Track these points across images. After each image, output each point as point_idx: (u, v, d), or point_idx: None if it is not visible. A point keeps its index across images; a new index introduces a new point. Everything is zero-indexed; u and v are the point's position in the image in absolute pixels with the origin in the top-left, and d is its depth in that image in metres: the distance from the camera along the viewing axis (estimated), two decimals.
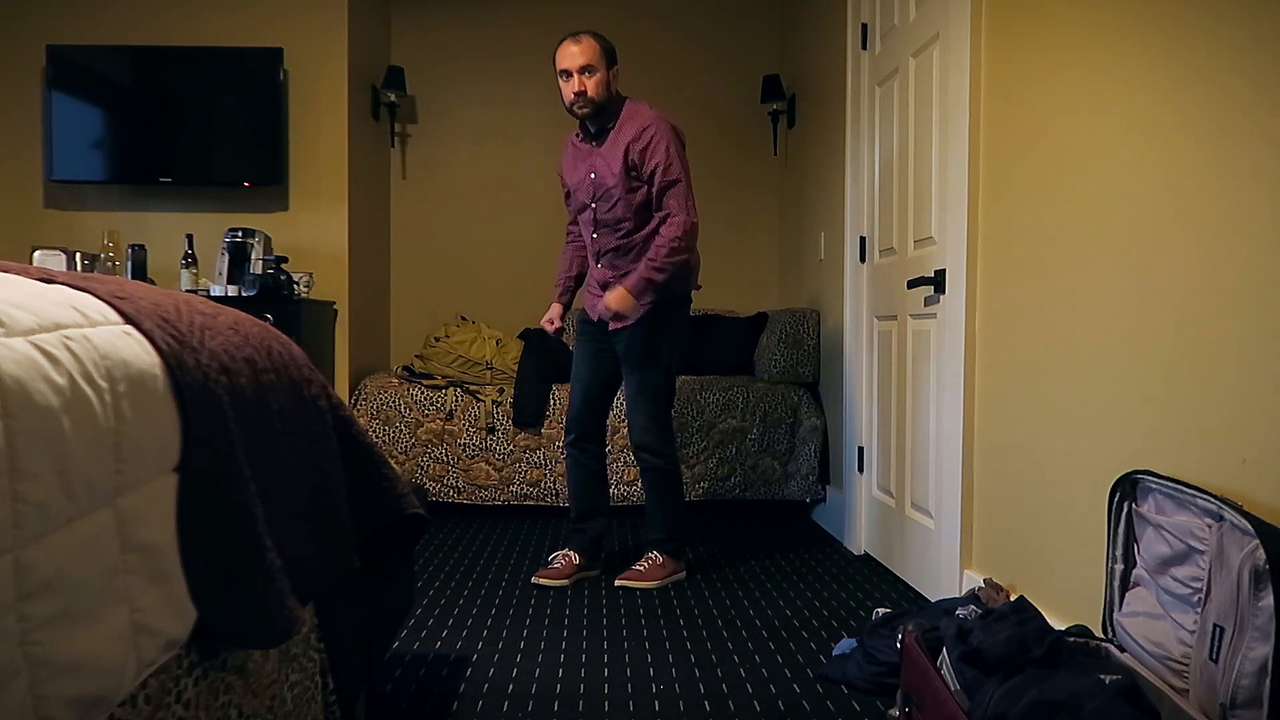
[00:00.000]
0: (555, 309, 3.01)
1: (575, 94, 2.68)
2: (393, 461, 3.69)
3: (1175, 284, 1.61)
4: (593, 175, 2.77)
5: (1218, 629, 1.29)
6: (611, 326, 2.75)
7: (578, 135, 2.86)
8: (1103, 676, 1.39)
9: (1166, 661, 1.41)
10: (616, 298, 2.68)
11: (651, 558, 2.86)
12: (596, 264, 2.88)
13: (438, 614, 2.53)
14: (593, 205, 2.80)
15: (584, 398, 2.90)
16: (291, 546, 1.16)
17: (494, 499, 3.71)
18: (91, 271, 3.50)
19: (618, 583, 2.80)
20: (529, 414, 3.68)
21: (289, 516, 1.18)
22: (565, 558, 2.88)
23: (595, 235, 2.83)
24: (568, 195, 2.96)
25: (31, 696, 0.73)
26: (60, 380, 0.80)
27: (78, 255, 3.50)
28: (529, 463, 3.71)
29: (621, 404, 3.58)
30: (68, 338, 0.85)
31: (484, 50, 4.68)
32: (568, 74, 2.68)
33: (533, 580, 2.82)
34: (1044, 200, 2.07)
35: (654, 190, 2.71)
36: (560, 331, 3.03)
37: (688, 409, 3.72)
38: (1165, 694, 1.38)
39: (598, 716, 1.86)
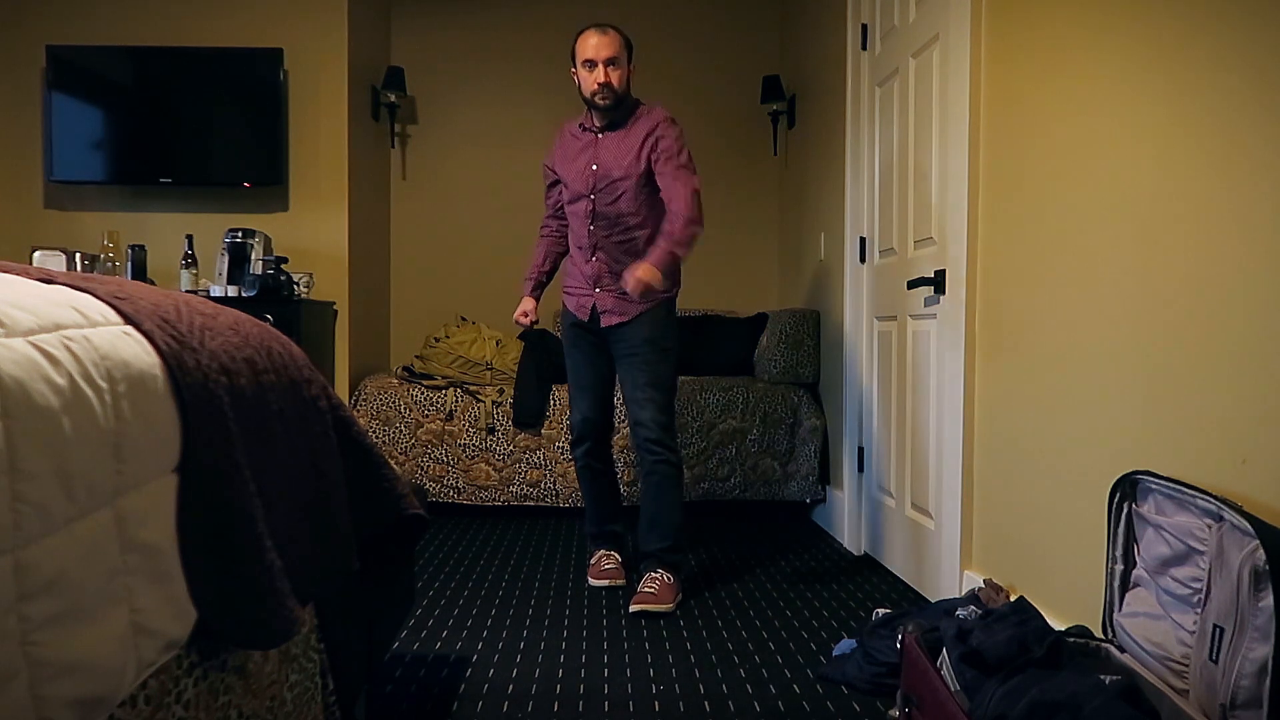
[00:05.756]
0: (529, 302, 2.93)
1: (600, 84, 2.64)
2: (393, 462, 3.69)
3: (1175, 284, 1.61)
4: (594, 166, 2.73)
5: (1218, 629, 1.29)
6: (635, 296, 2.58)
7: (578, 126, 2.82)
8: (1103, 677, 1.39)
9: (1166, 662, 1.41)
10: (646, 270, 2.47)
11: (658, 576, 2.65)
12: (589, 259, 2.79)
13: (438, 614, 2.53)
14: (591, 197, 2.74)
15: (595, 404, 2.86)
16: (291, 547, 1.16)
17: (494, 499, 3.71)
18: (91, 272, 3.50)
19: (634, 607, 2.55)
20: (529, 414, 3.68)
21: (289, 517, 1.18)
22: (610, 557, 2.87)
23: (592, 228, 2.76)
24: (551, 187, 2.94)
25: (31, 697, 0.73)
26: (60, 380, 0.80)
27: (78, 256, 3.50)
28: (529, 463, 3.71)
29: (619, 403, 3.59)
30: (68, 338, 0.85)
31: (484, 51, 4.69)
32: (592, 64, 2.64)
33: (590, 581, 2.80)
34: (1044, 200, 2.07)
35: (662, 169, 2.63)
36: (535, 324, 2.95)
37: (688, 409, 3.72)
38: (1165, 694, 1.38)
39: (598, 716, 1.86)
